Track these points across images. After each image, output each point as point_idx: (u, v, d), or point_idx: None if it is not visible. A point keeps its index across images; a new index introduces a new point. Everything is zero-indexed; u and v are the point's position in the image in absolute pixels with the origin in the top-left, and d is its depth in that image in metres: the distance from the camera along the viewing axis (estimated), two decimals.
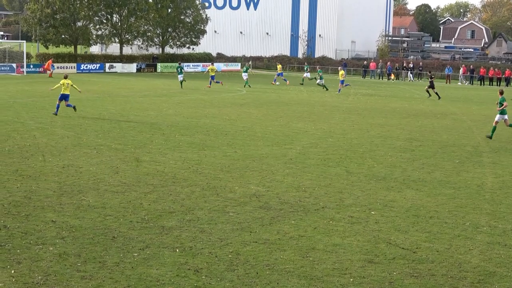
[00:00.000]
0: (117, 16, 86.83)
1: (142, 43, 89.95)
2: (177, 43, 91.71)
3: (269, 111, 39.55)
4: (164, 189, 18.10)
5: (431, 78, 56.67)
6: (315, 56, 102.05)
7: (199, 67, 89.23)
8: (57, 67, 74.94)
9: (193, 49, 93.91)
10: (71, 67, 76.02)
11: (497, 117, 30.12)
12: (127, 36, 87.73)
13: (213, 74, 58.64)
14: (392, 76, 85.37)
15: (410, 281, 11.65)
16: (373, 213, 16.23)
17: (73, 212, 15.44)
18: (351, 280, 11.62)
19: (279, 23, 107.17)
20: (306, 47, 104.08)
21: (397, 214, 16.20)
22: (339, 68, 65.32)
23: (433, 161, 23.92)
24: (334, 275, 11.83)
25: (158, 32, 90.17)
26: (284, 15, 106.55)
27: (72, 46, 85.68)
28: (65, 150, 23.69)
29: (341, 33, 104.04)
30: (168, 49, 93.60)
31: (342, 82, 57.58)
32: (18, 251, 12.55)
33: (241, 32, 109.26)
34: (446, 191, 18.92)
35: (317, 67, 75.30)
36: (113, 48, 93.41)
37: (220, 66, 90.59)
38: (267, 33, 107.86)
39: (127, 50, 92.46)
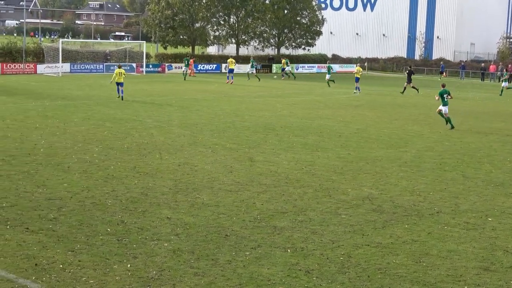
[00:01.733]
0: (234, 17, 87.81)
1: (258, 44, 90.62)
2: (293, 44, 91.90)
3: (383, 113, 39.12)
4: (277, 189, 18.19)
5: (410, 73, 57.59)
6: (432, 58, 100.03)
7: (314, 68, 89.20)
8: (175, 67, 76.51)
9: (308, 50, 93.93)
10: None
11: (444, 109, 33.08)
12: (244, 37, 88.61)
13: (232, 67, 63.24)
14: (444, 75, 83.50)
15: None
16: (490, 219, 15.80)
17: (187, 209, 15.74)
18: (466, 287, 11.35)
19: (396, 24, 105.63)
20: (423, 49, 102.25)
21: None
22: (357, 64, 63.41)
23: None
24: (448, 281, 11.58)
25: (274, 33, 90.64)
26: (402, 16, 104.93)
27: (190, 47, 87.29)
28: (181, 148, 24.18)
29: (460, 35, 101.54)
30: (283, 50, 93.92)
31: (357, 79, 55.05)
32: (134, 246, 12.89)
33: (357, 33, 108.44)
34: None
35: (328, 61, 73.82)
36: (230, 49, 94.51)
37: (336, 67, 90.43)
38: (384, 35, 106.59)
39: (243, 51, 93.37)
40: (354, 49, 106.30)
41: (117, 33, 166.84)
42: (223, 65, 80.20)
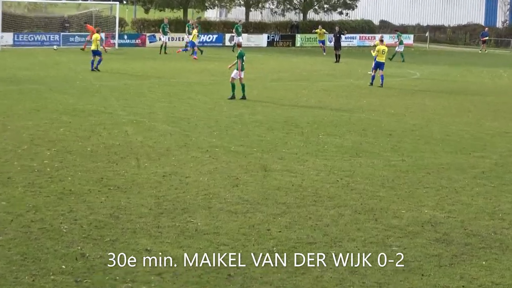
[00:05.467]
0: None
1: (277, 7, 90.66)
2: (325, 6, 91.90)
3: (451, 102, 39.03)
4: (301, 210, 18.11)
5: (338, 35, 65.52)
6: None
7: (355, 40, 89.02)
8: (159, 38, 76.30)
9: (347, 15, 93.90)
10: (179, 38, 77.11)
11: (234, 73, 37.93)
12: None
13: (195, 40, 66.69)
14: (483, 46, 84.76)
15: None
16: None
17: (175, 238, 15.67)
18: None
19: None
20: (507, 13, 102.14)
21: None
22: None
23: None
24: None
25: None
26: None
27: (181, 10, 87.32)
28: (167, 152, 24.16)
29: None
30: (312, 15, 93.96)
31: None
32: None
33: None
34: None
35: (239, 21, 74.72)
36: (236, 13, 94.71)
37: (385, 37, 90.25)
38: None
39: (255, 16, 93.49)
40: (410, 14, 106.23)
41: None
42: (227, 36, 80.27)
